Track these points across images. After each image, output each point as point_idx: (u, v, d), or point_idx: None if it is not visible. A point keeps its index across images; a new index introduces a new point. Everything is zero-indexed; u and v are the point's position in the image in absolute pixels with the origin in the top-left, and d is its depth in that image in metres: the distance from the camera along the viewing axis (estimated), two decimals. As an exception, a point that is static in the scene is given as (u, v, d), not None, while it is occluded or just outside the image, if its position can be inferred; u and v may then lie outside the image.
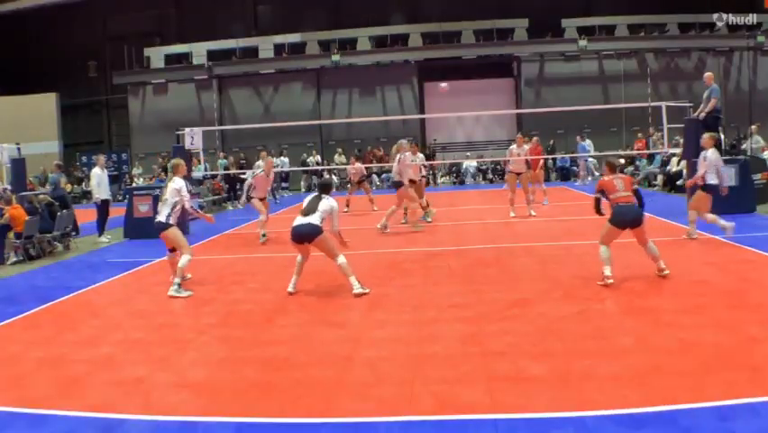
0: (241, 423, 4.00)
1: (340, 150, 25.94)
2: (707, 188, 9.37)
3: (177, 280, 7.74)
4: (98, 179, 13.43)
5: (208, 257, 10.73)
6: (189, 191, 8.46)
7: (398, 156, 12.07)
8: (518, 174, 13.47)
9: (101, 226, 13.39)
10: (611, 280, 7.00)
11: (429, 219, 13.10)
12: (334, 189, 8.29)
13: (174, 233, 7.90)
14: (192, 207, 8.34)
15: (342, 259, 7.25)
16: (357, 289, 7.15)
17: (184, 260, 7.78)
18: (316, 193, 7.51)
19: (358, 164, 17.99)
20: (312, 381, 4.63)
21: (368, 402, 4.21)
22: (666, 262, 8.10)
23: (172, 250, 8.11)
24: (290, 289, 7.40)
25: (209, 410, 4.21)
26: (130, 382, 4.77)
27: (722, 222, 9.21)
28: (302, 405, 4.21)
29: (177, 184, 7.99)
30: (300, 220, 7.23)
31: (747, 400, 3.89)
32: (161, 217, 7.88)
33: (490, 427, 3.75)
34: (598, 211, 7.61)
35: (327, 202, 7.30)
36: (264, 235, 11.87)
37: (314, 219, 7.17)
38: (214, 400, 4.38)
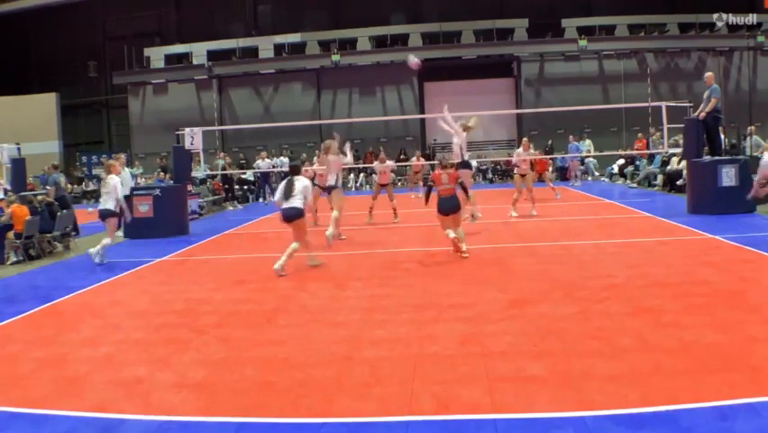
0: (240, 423, 4.00)
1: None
2: None
3: (99, 248, 10.08)
4: (120, 177, 13.80)
5: (208, 257, 10.73)
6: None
7: (330, 157, 11.18)
8: (523, 175, 13.82)
9: (119, 222, 13.79)
10: (467, 255, 8.85)
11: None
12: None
13: (114, 220, 10.42)
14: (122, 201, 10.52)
15: (296, 246, 8.62)
16: (313, 261, 8.90)
17: (108, 241, 10.19)
18: (289, 177, 8.77)
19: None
20: (312, 381, 4.63)
21: (368, 402, 4.20)
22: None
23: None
24: (279, 264, 8.40)
25: (209, 410, 4.21)
26: (130, 382, 4.77)
27: None
28: (302, 405, 4.21)
29: (114, 181, 10.21)
30: (286, 204, 8.61)
31: (747, 400, 3.89)
32: (109, 206, 10.16)
33: (490, 427, 3.75)
34: (428, 199, 9.37)
35: (300, 183, 8.67)
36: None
37: (297, 203, 8.56)
38: (214, 400, 4.38)
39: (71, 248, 12.28)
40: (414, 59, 12.61)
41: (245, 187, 22.41)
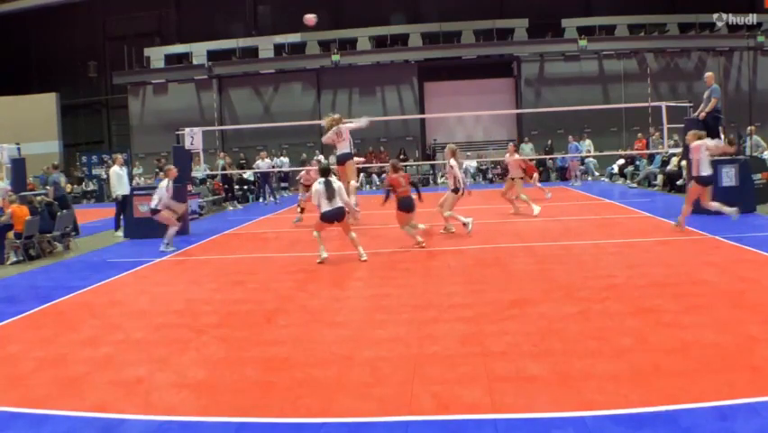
0: (240, 423, 4.00)
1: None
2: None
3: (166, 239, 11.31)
4: (117, 177, 14.07)
5: (208, 257, 10.73)
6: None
7: (342, 126, 12.41)
8: (513, 179, 13.95)
9: (118, 222, 14.15)
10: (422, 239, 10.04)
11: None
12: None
13: (164, 214, 11.37)
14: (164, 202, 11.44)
15: (353, 234, 9.43)
16: (363, 256, 9.21)
17: (172, 230, 11.39)
18: (324, 180, 9.29)
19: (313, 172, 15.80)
20: (312, 381, 4.63)
21: (368, 402, 4.21)
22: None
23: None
24: (325, 254, 9.30)
25: (209, 410, 4.21)
26: (130, 382, 4.77)
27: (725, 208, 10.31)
28: (302, 405, 4.21)
29: (164, 184, 11.47)
30: (330, 205, 9.19)
31: (747, 400, 3.90)
32: (154, 204, 11.34)
33: (490, 427, 3.75)
34: (387, 200, 10.16)
35: (336, 184, 9.35)
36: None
37: (339, 203, 9.23)
38: (214, 400, 4.38)
39: (71, 248, 12.28)
40: (309, 16, 13.65)
41: (245, 187, 22.41)
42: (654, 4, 27.19)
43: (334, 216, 9.24)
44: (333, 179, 9.42)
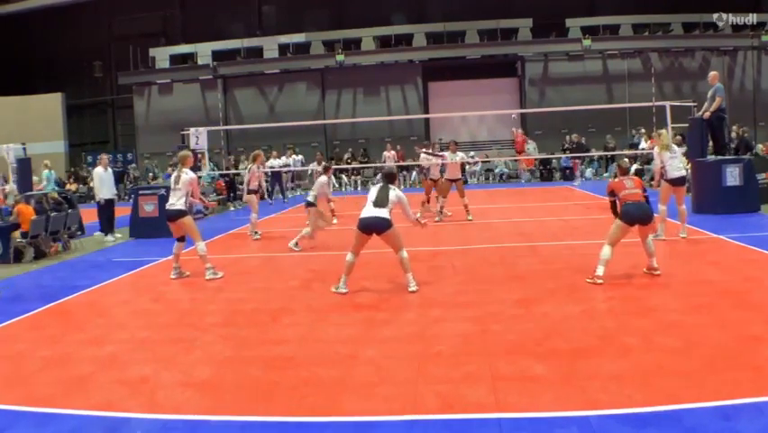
0: (245, 422, 4.02)
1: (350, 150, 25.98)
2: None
3: (207, 265, 8.63)
4: (100, 179, 13.21)
5: (212, 256, 10.70)
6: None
7: (252, 167, 12.50)
8: (435, 181, 13.30)
9: (104, 226, 13.40)
10: (600, 281, 7.07)
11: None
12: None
13: (189, 220, 8.69)
14: (200, 197, 9.57)
15: (404, 253, 7.42)
16: (412, 286, 7.31)
17: (202, 246, 8.66)
18: (382, 184, 7.62)
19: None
20: (316, 380, 4.64)
21: (372, 402, 4.22)
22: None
23: (180, 239, 8.78)
24: (344, 289, 7.39)
25: (214, 409, 4.23)
26: (135, 381, 4.79)
27: None
28: (306, 404, 4.22)
29: (188, 175, 8.63)
30: (370, 212, 7.34)
31: (751, 400, 3.89)
32: (178, 205, 8.54)
33: (495, 426, 3.76)
34: (616, 213, 7.65)
35: (395, 193, 7.43)
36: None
37: (383, 213, 7.30)
38: (219, 399, 4.40)
39: (75, 248, 12.29)
40: None
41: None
42: (658, 4, 27.10)
43: (372, 226, 7.31)
44: (393, 187, 7.53)
